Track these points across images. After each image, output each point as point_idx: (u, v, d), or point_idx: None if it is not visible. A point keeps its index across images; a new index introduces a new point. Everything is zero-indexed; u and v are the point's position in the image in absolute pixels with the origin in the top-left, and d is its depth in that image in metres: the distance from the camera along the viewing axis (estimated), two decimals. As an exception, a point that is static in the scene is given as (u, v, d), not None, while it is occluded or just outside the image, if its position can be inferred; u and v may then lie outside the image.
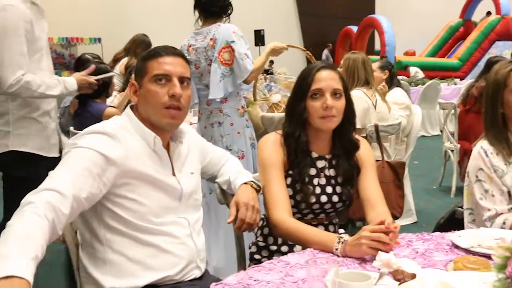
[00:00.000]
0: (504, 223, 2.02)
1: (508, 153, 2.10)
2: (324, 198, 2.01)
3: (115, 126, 1.72)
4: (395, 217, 3.38)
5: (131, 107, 1.82)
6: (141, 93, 1.78)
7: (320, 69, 1.98)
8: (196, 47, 3.35)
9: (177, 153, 1.84)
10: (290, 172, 1.99)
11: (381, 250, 1.53)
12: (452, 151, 5.46)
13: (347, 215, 2.53)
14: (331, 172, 2.05)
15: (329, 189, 2.02)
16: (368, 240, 1.57)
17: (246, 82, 3.31)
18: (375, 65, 4.59)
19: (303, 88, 1.98)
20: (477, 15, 17.04)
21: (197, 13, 3.38)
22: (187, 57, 3.37)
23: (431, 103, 9.42)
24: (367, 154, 2.08)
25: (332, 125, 1.97)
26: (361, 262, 1.58)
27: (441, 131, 6.93)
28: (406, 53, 17.32)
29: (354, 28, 16.82)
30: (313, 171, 2.02)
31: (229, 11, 3.37)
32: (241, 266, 2.10)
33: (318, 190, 2.01)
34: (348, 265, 1.56)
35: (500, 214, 2.04)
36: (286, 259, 1.60)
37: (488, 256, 1.48)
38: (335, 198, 2.02)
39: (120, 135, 1.68)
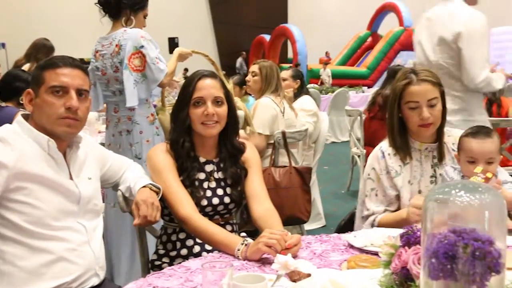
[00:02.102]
0: (374, 220, 2.18)
1: (404, 156, 2.23)
2: (216, 200, 2.07)
3: (5, 130, 1.71)
4: (302, 221, 3.48)
5: (24, 115, 1.78)
6: (36, 102, 1.76)
7: (202, 78, 2.07)
8: (103, 53, 3.27)
9: (74, 158, 1.84)
10: (180, 178, 2.03)
11: (277, 248, 1.60)
12: (358, 156, 5.67)
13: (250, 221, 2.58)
14: (220, 175, 2.12)
15: (219, 191, 2.10)
16: (266, 239, 1.64)
17: (161, 85, 3.27)
18: (287, 74, 4.69)
19: (185, 96, 2.07)
20: (384, 27, 17.86)
21: (106, 17, 3.28)
22: (95, 63, 3.33)
23: (340, 110, 9.74)
24: (252, 156, 2.20)
25: (214, 131, 2.07)
26: (260, 265, 1.61)
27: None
28: (321, 61, 17.87)
29: (267, 37, 17.11)
30: (202, 175, 2.09)
31: (125, 18, 3.25)
32: (146, 274, 2.08)
33: (209, 193, 2.08)
34: (248, 268, 1.60)
35: (373, 214, 2.20)
36: (187, 264, 1.62)
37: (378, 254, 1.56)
38: (226, 200, 2.10)
39: (10, 139, 1.67)
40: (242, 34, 19.32)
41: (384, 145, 2.28)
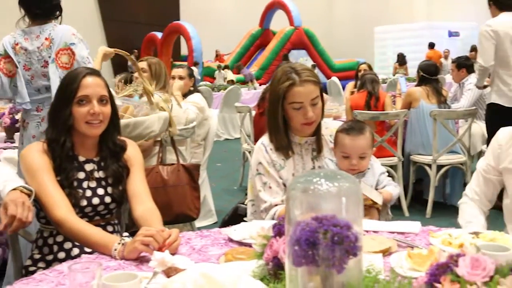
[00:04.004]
0: (274, 213, 2.18)
1: (286, 152, 2.27)
2: (96, 200, 2.03)
3: None
4: (192, 218, 3.46)
5: None
6: None
7: (86, 76, 2.01)
8: (25, 46, 3.06)
9: None
10: (58, 178, 1.96)
11: (154, 245, 1.59)
12: (249, 152, 5.74)
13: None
14: (101, 174, 2.08)
15: (100, 191, 2.05)
16: (142, 237, 1.62)
17: None
18: (185, 72, 4.64)
19: (68, 94, 1.99)
20: (275, 24, 18.23)
21: (23, 11, 3.11)
22: (14, 57, 3.11)
23: (232, 107, 9.81)
24: (134, 154, 2.17)
25: (99, 131, 2.03)
26: (138, 264, 1.59)
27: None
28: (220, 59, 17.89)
29: (159, 34, 16.85)
30: (81, 175, 2.03)
31: (57, 14, 3.13)
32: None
33: (88, 193, 2.02)
34: (125, 267, 1.57)
35: (275, 205, 2.20)
36: (59, 267, 1.55)
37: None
38: (107, 199, 2.06)
39: None
40: (132, 31, 18.88)
41: (265, 140, 2.31)
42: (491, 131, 4.15)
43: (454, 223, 2.25)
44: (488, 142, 4.26)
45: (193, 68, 15.85)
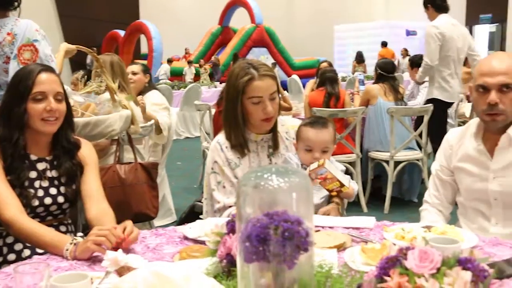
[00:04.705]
0: (230, 213, 2.17)
1: (242, 149, 2.26)
2: (48, 200, 1.99)
3: None
4: (150, 218, 3.42)
5: None
6: None
7: (41, 72, 1.97)
8: None
9: None
10: (8, 178, 1.91)
11: (106, 245, 1.56)
12: (209, 150, 5.70)
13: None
14: (54, 173, 2.04)
15: (53, 191, 2.02)
16: (94, 236, 1.59)
17: None
18: (138, 68, 4.58)
19: (22, 91, 1.94)
20: (235, 21, 18.22)
21: None
22: None
23: (193, 106, 9.76)
24: (89, 154, 2.14)
25: (54, 128, 2.00)
26: (90, 264, 1.56)
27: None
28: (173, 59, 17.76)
29: (121, 32, 16.62)
30: (33, 174, 1.99)
31: (15, 4, 2.97)
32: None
33: (40, 192, 1.99)
34: (77, 268, 1.54)
35: (229, 207, 2.20)
36: (7, 269, 1.50)
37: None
38: (60, 199, 2.03)
39: None
40: (93, 29, 18.57)
41: (221, 139, 2.29)
42: (432, 124, 4.77)
43: (411, 218, 2.29)
44: (428, 133, 4.82)
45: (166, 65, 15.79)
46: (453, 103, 5.16)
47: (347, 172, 2.48)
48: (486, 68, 2.00)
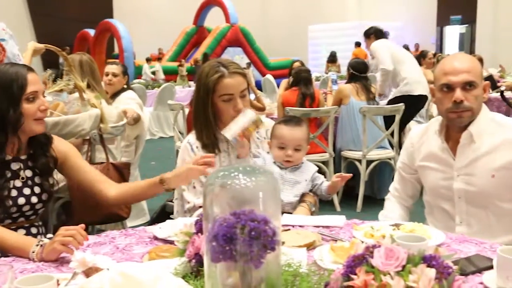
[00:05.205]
0: (199, 216, 2.17)
1: (213, 148, 2.26)
2: (22, 201, 1.97)
3: None
4: (123, 218, 3.39)
5: None
6: None
7: (29, 71, 1.96)
8: None
9: None
10: None
11: (74, 245, 1.54)
12: (183, 150, 5.67)
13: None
14: (28, 173, 2.02)
15: (26, 191, 1.99)
16: (61, 237, 1.57)
17: None
18: (119, 69, 4.53)
19: (15, 93, 1.91)
20: (210, 21, 18.16)
21: None
22: None
23: (167, 105, 9.71)
24: (66, 146, 2.14)
25: (44, 126, 2.01)
26: (58, 265, 1.54)
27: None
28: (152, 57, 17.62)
29: (92, 32, 16.43)
30: (7, 174, 1.96)
31: None
32: None
33: (14, 193, 1.96)
34: (44, 269, 1.51)
35: (199, 207, 2.19)
36: (-29, 272, 1.47)
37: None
38: (34, 199, 2.00)
39: None
40: (65, 28, 18.31)
41: (191, 139, 2.30)
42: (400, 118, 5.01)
43: (384, 216, 2.33)
44: (400, 128, 5.05)
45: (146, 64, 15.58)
46: (422, 97, 5.45)
47: (320, 171, 2.50)
48: (449, 67, 2.03)
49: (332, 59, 16.81)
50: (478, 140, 2.04)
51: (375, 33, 5.83)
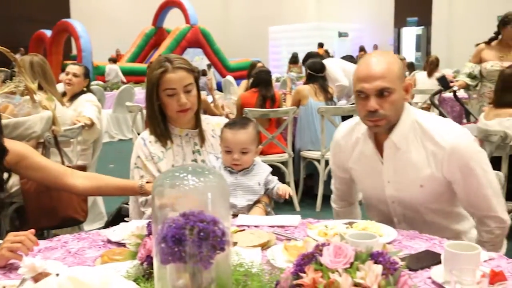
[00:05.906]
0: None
1: (165, 141, 2.29)
2: None
3: None
4: (79, 222, 3.34)
5: None
6: None
7: None
8: None
9: None
10: None
11: (23, 251, 1.51)
12: (142, 152, 5.61)
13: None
14: None
15: None
16: (9, 243, 1.53)
17: None
18: (80, 71, 4.44)
19: None
20: (169, 22, 18.03)
21: None
22: None
23: (126, 107, 9.61)
24: (18, 146, 2.12)
25: None
26: (5, 272, 1.50)
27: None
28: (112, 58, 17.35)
29: (48, 32, 16.09)
30: None
31: None
32: None
33: None
34: (-9, 277, 1.47)
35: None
36: None
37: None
38: None
39: None
40: (19, 28, 17.90)
41: (145, 134, 2.33)
42: None
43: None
44: None
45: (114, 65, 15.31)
46: None
47: (279, 171, 2.51)
48: (363, 73, 1.89)
49: (294, 60, 16.92)
50: (403, 145, 1.94)
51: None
